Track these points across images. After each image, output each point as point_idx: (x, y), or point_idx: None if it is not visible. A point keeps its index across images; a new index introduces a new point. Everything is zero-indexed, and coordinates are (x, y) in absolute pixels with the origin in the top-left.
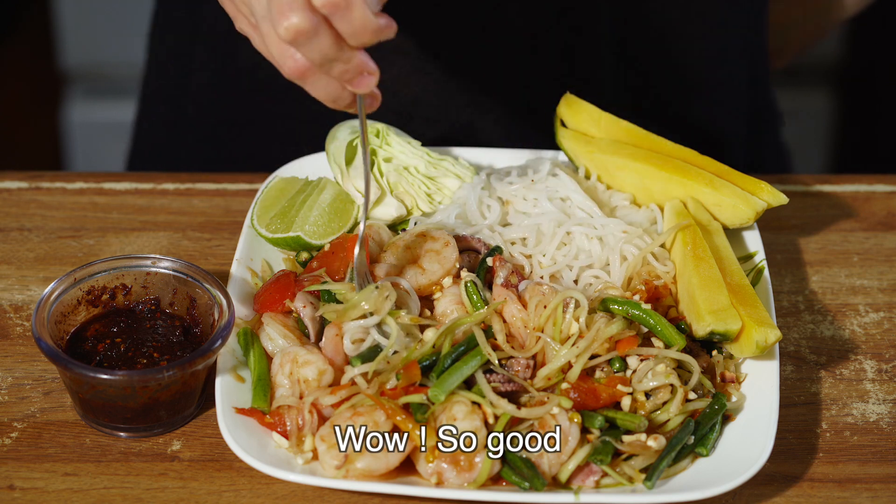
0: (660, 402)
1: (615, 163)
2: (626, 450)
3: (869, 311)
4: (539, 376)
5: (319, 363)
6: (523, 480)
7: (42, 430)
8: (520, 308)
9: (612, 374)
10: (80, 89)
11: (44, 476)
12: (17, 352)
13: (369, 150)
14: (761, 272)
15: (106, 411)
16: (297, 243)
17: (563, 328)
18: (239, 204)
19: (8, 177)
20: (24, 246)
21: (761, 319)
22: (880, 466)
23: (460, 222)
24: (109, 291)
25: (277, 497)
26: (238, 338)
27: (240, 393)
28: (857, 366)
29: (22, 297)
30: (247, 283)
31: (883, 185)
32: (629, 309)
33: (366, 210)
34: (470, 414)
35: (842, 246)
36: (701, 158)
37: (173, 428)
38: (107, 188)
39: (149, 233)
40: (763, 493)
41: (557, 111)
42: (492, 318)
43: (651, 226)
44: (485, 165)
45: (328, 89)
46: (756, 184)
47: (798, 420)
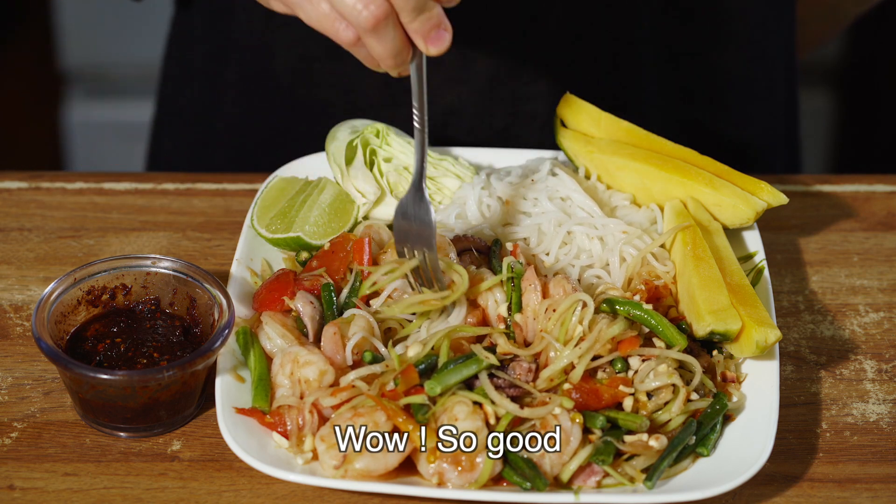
0: (661, 402)
1: (615, 163)
2: (628, 450)
3: (869, 311)
4: (542, 377)
5: (320, 364)
6: (525, 481)
7: (42, 430)
8: (539, 300)
9: (613, 374)
10: (80, 89)
11: (44, 476)
12: (17, 352)
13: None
14: (761, 272)
15: (106, 411)
16: (297, 243)
17: (570, 329)
18: (239, 204)
19: (8, 177)
20: (24, 246)
21: (761, 319)
22: (880, 466)
23: (460, 222)
24: (109, 291)
25: (277, 497)
26: (237, 337)
27: (240, 393)
28: (857, 366)
29: (22, 297)
30: (247, 283)
31: (883, 185)
32: (631, 309)
33: (421, 171)
34: (471, 414)
35: (842, 246)
36: (701, 158)
37: (173, 428)
38: (107, 188)
39: (149, 233)
40: (763, 493)
41: (557, 111)
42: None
43: (651, 226)
44: (485, 165)
45: (394, 43)
46: (756, 184)
47: (798, 420)
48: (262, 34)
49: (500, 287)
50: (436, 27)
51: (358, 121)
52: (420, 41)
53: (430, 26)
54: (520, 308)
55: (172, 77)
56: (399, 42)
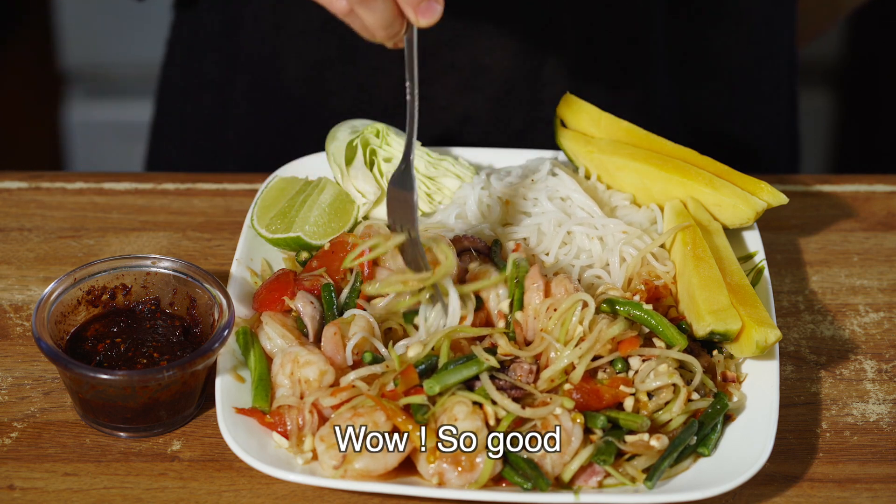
0: (662, 402)
1: (615, 163)
2: (629, 450)
3: (869, 311)
4: (542, 378)
5: (321, 364)
6: (526, 481)
7: (42, 430)
8: (541, 299)
9: (614, 374)
10: (80, 89)
11: (44, 476)
12: (17, 352)
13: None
14: (761, 272)
15: (106, 411)
16: (297, 243)
17: (570, 329)
18: (239, 204)
19: (8, 177)
20: (24, 246)
21: (761, 319)
22: (880, 466)
23: (460, 222)
24: (109, 291)
25: (277, 497)
26: (237, 337)
27: (240, 393)
28: (857, 366)
29: (22, 297)
30: (247, 283)
31: (883, 185)
32: (631, 310)
33: (410, 143)
34: (471, 414)
35: (842, 246)
36: (701, 158)
37: (173, 428)
38: (107, 188)
39: (149, 233)
40: (763, 493)
41: (557, 111)
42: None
43: (651, 226)
44: (485, 165)
45: (385, 14)
46: (756, 184)
47: (798, 420)
48: (272, 42)
49: (503, 283)
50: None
51: (358, 121)
52: (410, 12)
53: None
54: (521, 306)
55: (176, 85)
56: (390, 13)
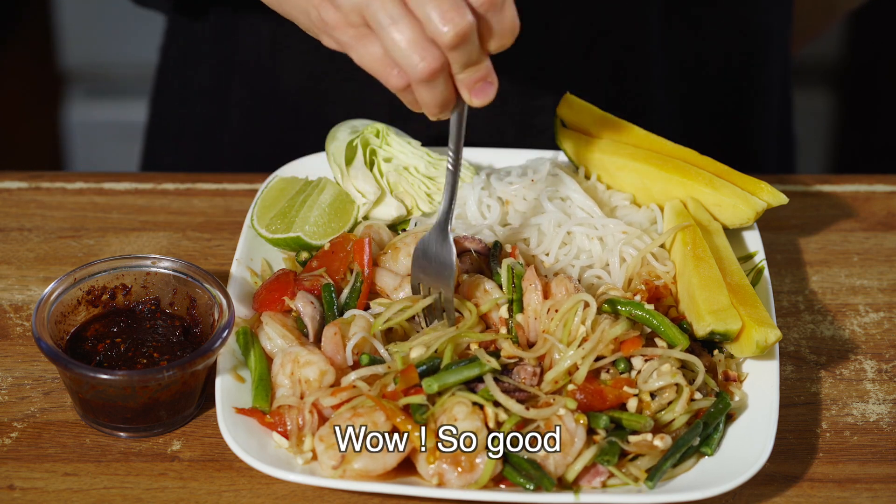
0: (665, 402)
1: (615, 163)
2: (633, 450)
3: (869, 311)
4: (546, 380)
5: (321, 364)
6: (529, 481)
7: (42, 430)
8: (540, 300)
9: (617, 375)
10: (80, 89)
11: (44, 476)
12: (17, 352)
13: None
14: (761, 272)
15: (106, 411)
16: (297, 243)
17: (573, 330)
18: (239, 204)
19: (8, 177)
20: (24, 246)
21: (761, 319)
22: (880, 466)
23: (460, 223)
24: (109, 291)
25: (277, 497)
26: (237, 337)
27: (240, 393)
28: (857, 366)
29: (22, 297)
30: (247, 283)
31: (883, 185)
32: (632, 310)
33: (447, 211)
34: (471, 414)
35: (842, 246)
36: (701, 158)
37: (173, 428)
38: (107, 188)
39: (149, 233)
40: (763, 493)
41: (557, 111)
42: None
43: (651, 226)
44: (485, 165)
45: (444, 94)
46: (756, 184)
47: (798, 420)
48: (268, 53)
49: (499, 290)
50: (482, 79)
51: (358, 121)
52: (465, 92)
53: (477, 78)
54: (521, 308)
55: (171, 91)
56: (448, 93)
